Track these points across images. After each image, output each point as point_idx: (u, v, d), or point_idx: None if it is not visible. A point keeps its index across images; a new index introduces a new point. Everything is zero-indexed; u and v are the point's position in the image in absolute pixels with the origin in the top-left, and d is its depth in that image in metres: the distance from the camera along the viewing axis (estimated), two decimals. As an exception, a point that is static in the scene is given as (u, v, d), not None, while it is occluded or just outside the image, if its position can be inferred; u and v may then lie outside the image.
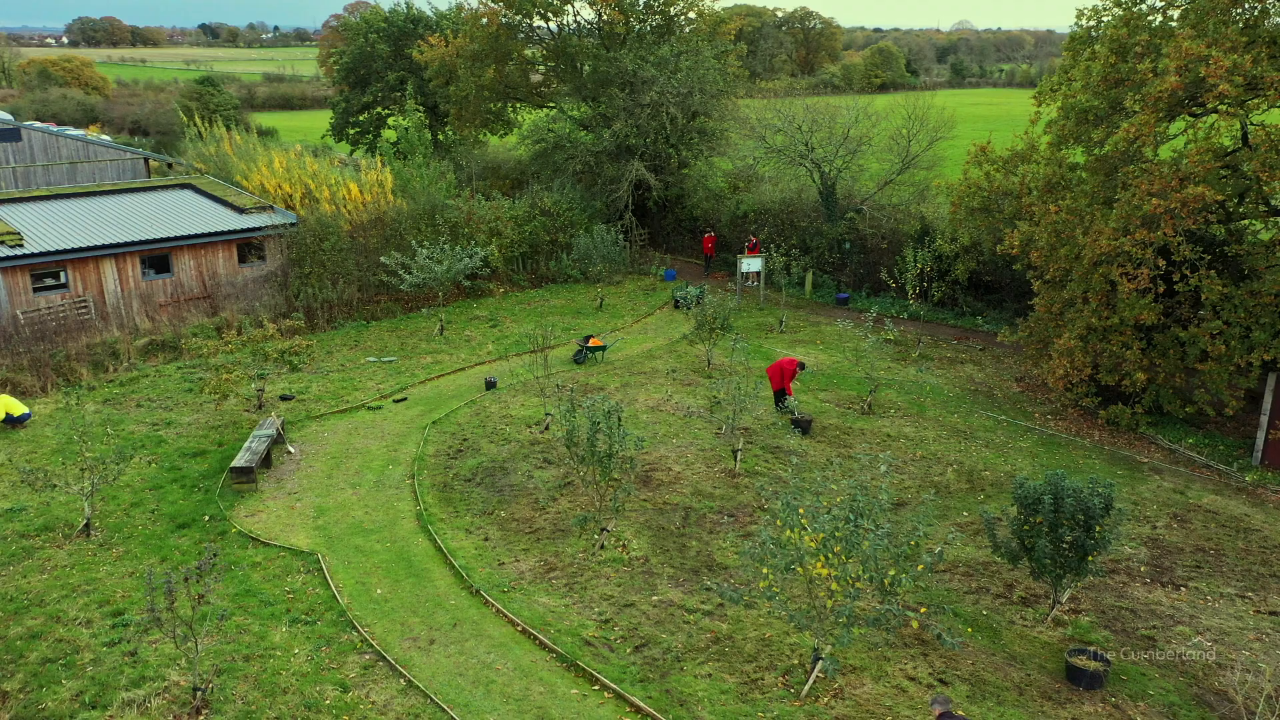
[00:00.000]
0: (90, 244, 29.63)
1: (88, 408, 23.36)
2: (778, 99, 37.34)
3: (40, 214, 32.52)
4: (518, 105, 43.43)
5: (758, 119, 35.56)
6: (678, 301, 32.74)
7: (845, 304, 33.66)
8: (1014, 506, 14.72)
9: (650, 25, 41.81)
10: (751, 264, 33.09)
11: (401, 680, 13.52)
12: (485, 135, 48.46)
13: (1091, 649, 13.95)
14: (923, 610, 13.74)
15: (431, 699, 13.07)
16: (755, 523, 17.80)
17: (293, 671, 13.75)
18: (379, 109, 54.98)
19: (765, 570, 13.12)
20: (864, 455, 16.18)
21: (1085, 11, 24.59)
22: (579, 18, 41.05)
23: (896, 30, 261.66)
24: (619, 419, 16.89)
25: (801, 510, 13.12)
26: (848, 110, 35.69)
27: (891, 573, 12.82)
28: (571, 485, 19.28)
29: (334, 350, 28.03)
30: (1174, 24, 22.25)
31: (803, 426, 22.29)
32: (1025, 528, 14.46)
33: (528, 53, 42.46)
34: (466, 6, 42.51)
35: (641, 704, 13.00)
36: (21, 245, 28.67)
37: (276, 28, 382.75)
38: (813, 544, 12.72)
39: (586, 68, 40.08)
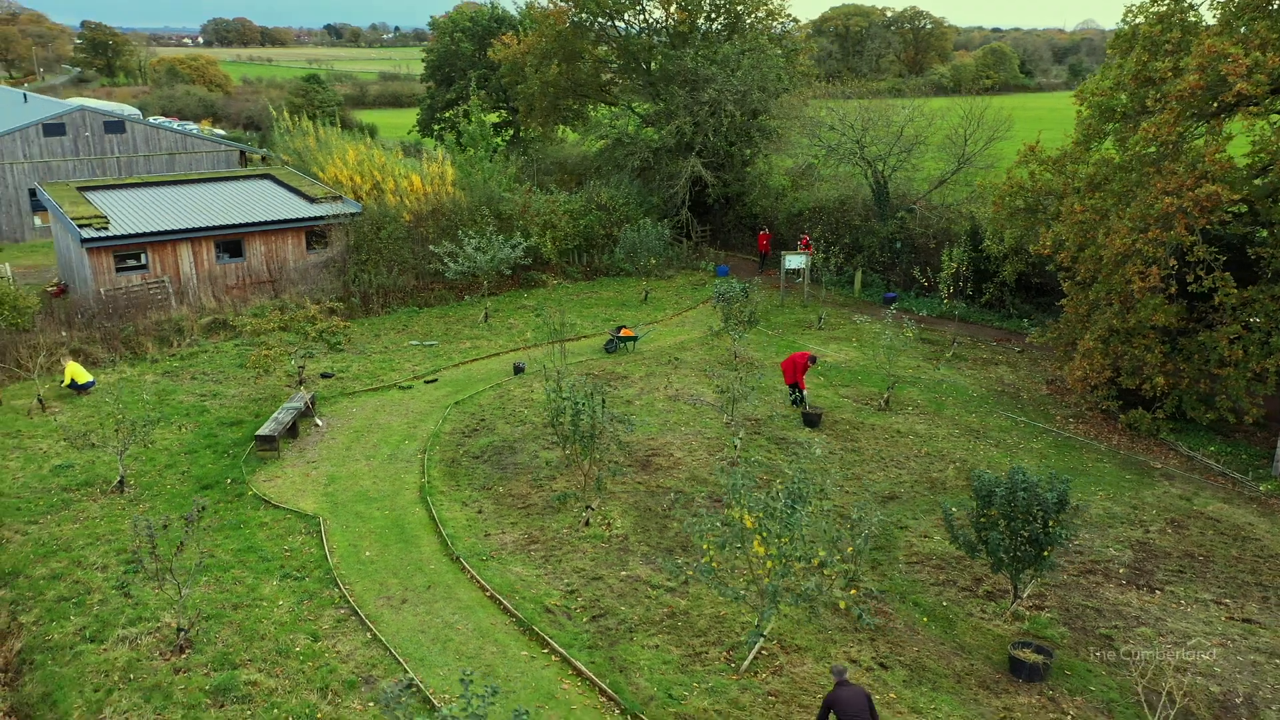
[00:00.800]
0: (168, 228, 31.76)
1: (146, 379, 25.20)
2: (831, 99, 37.24)
3: (128, 200, 34.91)
4: (589, 103, 44.34)
5: (810, 116, 35.61)
6: (720, 296, 33.11)
7: (892, 303, 33.51)
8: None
9: (718, 24, 42.26)
10: (795, 261, 33.26)
11: (368, 634, 14.48)
12: (563, 131, 49.62)
13: (1035, 642, 14.00)
14: (852, 592, 14.01)
15: (390, 652, 13.99)
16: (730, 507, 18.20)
17: (273, 620, 14.85)
18: (463, 106, 56.68)
19: (705, 546, 13.62)
20: (804, 443, 16.43)
21: (1132, 8, 24.11)
22: (647, 16, 41.75)
23: (1017, 30, 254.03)
24: (603, 401, 17.55)
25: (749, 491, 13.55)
26: (903, 109, 35.47)
27: (821, 553, 13.14)
28: (571, 465, 20.01)
29: (381, 333, 29.43)
30: (1210, 20, 21.70)
31: (812, 420, 22.55)
32: (981, 519, 14.57)
33: (600, 51, 43.33)
34: (537, 5, 43.62)
35: (583, 668, 13.65)
36: (107, 228, 30.93)
37: (397, 28, 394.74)
38: (751, 523, 13.17)
39: (653, 65, 40.80)
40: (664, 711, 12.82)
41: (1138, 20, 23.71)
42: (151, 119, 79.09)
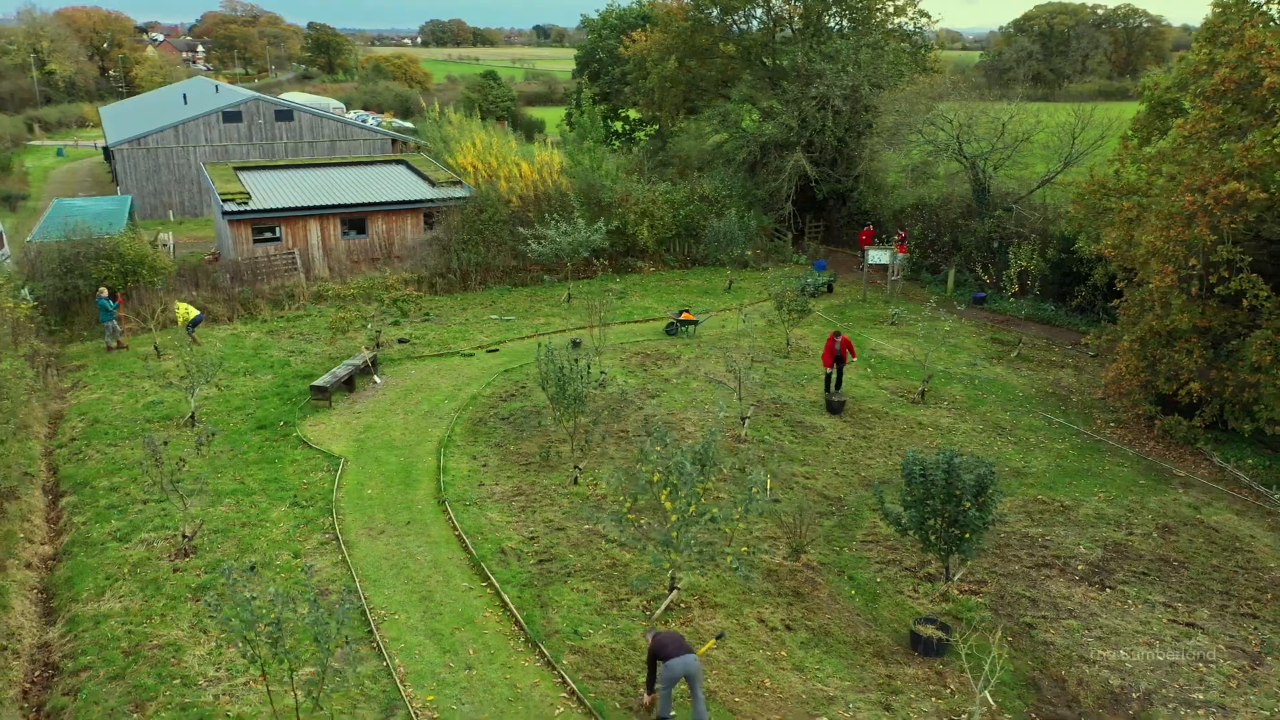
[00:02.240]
0: (299, 205, 35.20)
1: (252, 335, 28.31)
2: (934, 99, 36.57)
3: (273, 180, 38.76)
4: (708, 99, 45.27)
5: (909, 109, 35.20)
6: (804, 288, 33.48)
7: (981, 303, 32.89)
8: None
9: (844, 21, 42.35)
10: (878, 255, 33.16)
11: (340, 556, 16.30)
12: (696, 125, 50.74)
13: (940, 620, 14.20)
14: (744, 550, 14.63)
15: (350, 571, 15.75)
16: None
17: (269, 539, 16.93)
18: (610, 102, 58.77)
19: (614, 497, 14.62)
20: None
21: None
22: (768, 12, 42.32)
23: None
24: (588, 367, 18.75)
25: (659, 448, 14.48)
26: (1005, 107, 34.60)
27: (714, 510, 13.89)
28: (591, 431, 21.28)
29: (469, 307, 31.63)
30: (1275, 13, 20.52)
31: (834, 408, 22.87)
32: (907, 498, 14.85)
33: (726, 48, 44.23)
34: (660, 2, 44.96)
35: (509, 600, 14.95)
36: (247, 203, 34.62)
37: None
38: (658, 477, 14.10)
39: (768, 61, 41.37)
40: (563, 644, 13.95)
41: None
42: (354, 113, 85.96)
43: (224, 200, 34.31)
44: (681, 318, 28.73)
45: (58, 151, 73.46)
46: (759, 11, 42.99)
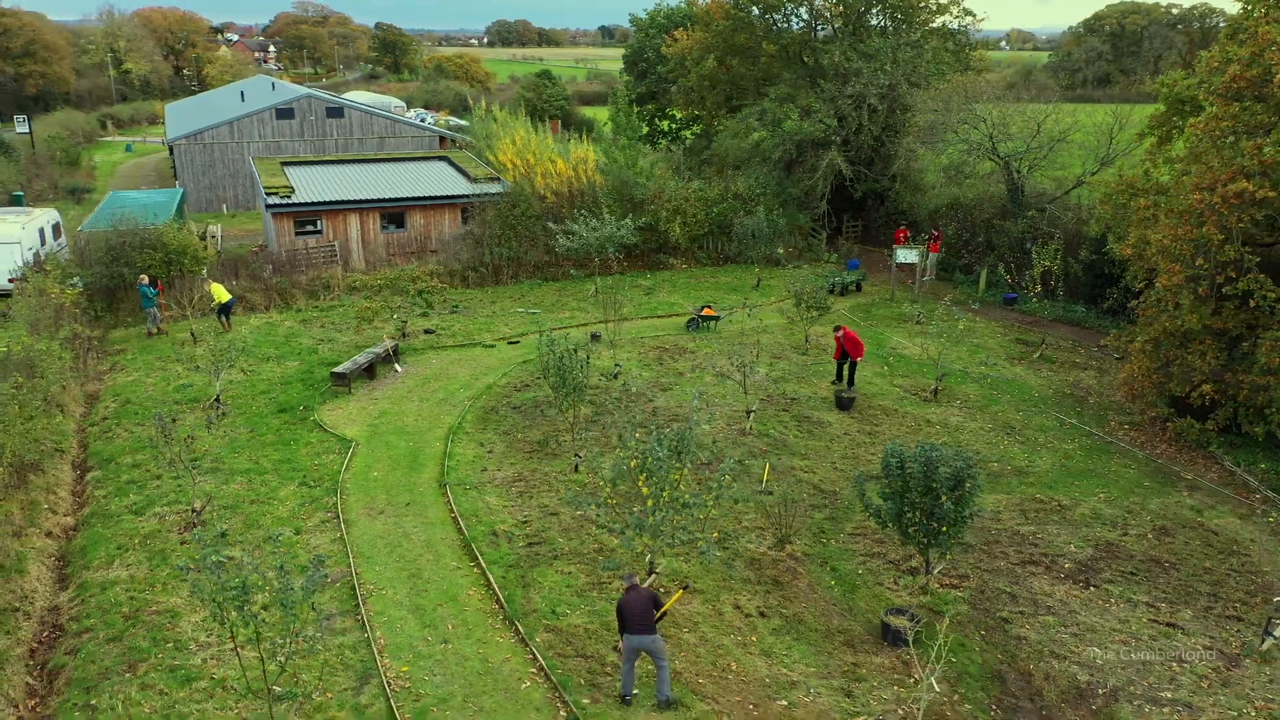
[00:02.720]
0: (339, 199, 36.14)
1: (285, 324, 29.23)
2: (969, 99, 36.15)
3: (318, 174, 39.83)
4: (747, 98, 45.35)
5: (943, 108, 34.92)
6: (832, 287, 33.54)
7: (1012, 304, 32.56)
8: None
9: (884, 19, 42.15)
10: (906, 255, 33.03)
11: (338, 534, 16.90)
12: (733, 124, 50.85)
13: (911, 610, 14.29)
14: (715, 535, 14.86)
15: (346, 547, 16.34)
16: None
17: (274, 515, 17.61)
18: (657, 101, 59.16)
19: (601, 483, 14.98)
20: (696, 397, 17.19)
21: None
22: (808, 11, 42.29)
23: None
24: (588, 357, 19.12)
25: (637, 434, 14.81)
26: (1041, 108, 34.19)
27: (686, 496, 14.17)
28: (597, 422, 21.66)
29: (498, 300, 32.24)
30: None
31: (843, 404, 22.93)
32: (885, 491, 14.95)
33: (767, 47, 44.28)
34: (699, 2, 45.17)
35: (493, 580, 15.39)
36: (289, 197, 35.67)
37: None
38: (635, 463, 14.43)
39: (808, 60, 41.35)
40: (539, 622, 14.35)
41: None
42: (414, 112, 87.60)
43: (267, 193, 35.38)
44: (703, 313, 28.97)
45: (126, 147, 76.11)
46: (803, 10, 43.00)
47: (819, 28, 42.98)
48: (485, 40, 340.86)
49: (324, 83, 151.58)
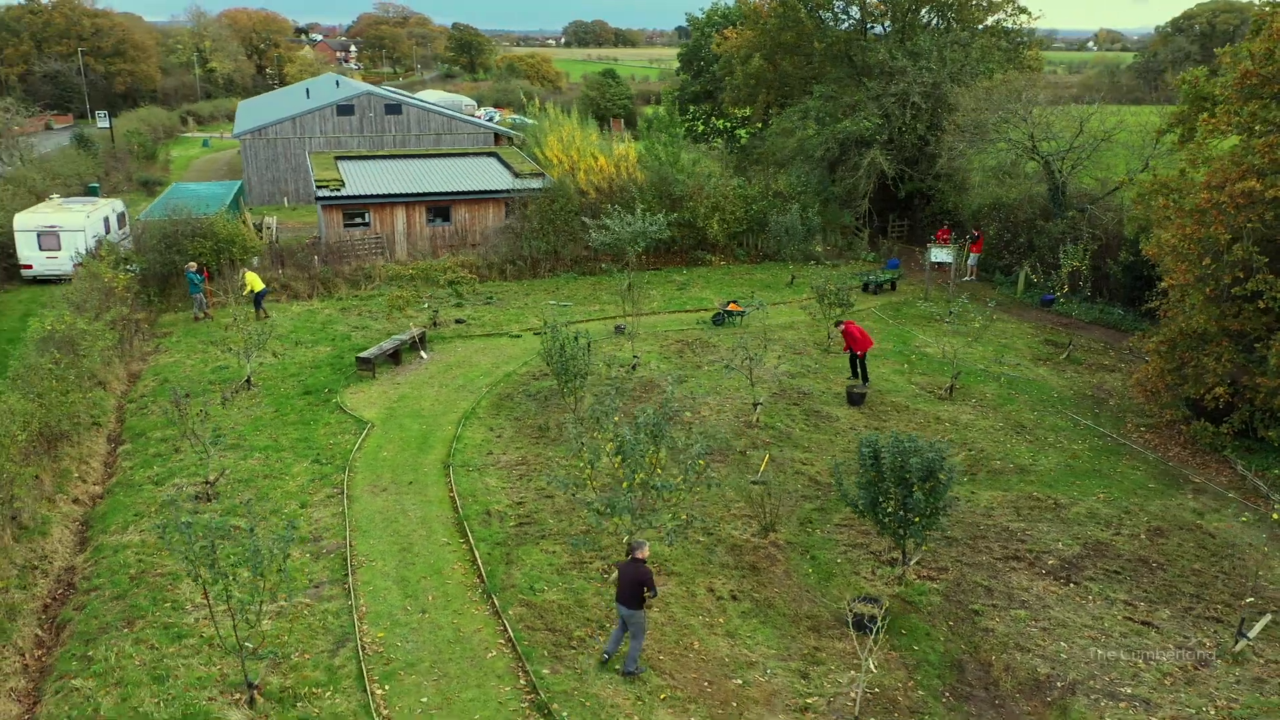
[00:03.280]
0: (386, 192, 37.22)
1: (324, 311, 30.28)
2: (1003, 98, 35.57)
3: (369, 169, 41.00)
4: (794, 96, 45.32)
5: (981, 107, 34.48)
6: (866, 285, 33.52)
7: (1050, 305, 32.10)
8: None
9: (934, 18, 41.80)
10: (939, 254, 32.79)
11: (340, 508, 17.64)
12: (778, 122, 50.82)
13: (878, 599, 14.44)
14: (684, 517, 15.18)
15: (344, 522, 17.05)
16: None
17: (284, 490, 18.44)
18: (712, 100, 59.34)
19: (579, 463, 15.42)
20: (670, 378, 17.44)
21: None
22: (862, 9, 42.10)
23: None
24: (589, 344, 19.57)
25: (615, 419, 15.22)
26: (1084, 108, 33.60)
27: (656, 480, 14.51)
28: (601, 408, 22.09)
29: (532, 292, 32.91)
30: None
31: (854, 399, 23.00)
32: (859, 480, 15.10)
33: (816, 45, 44.21)
34: (749, 1, 45.26)
35: (479, 556, 15.95)
36: (339, 190, 36.85)
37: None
38: (611, 446, 14.84)
39: (856, 59, 41.20)
40: (515, 597, 14.85)
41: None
42: (483, 110, 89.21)
43: (317, 186, 36.60)
44: (729, 308, 29.20)
45: (203, 143, 78.95)
46: (854, 9, 42.83)
47: (869, 26, 42.77)
48: (563, 41, 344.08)
49: (399, 81, 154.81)
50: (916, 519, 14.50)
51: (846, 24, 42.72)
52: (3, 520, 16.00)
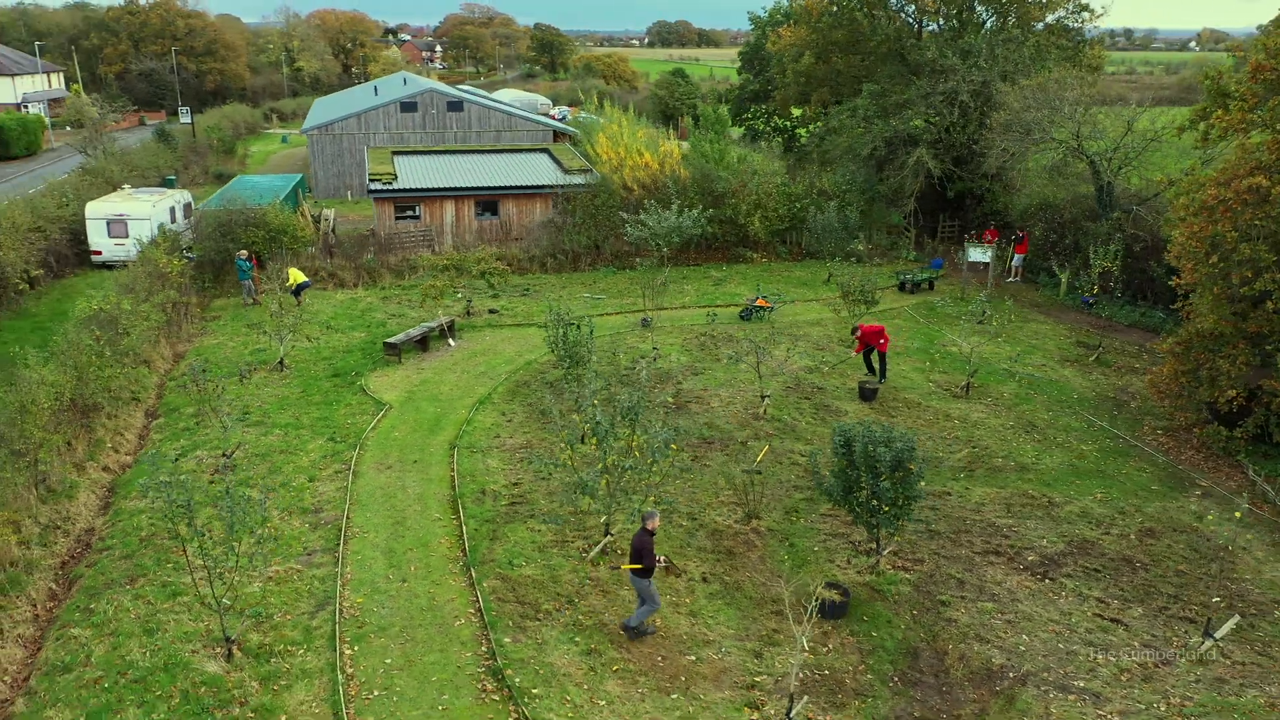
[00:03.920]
0: (436, 186, 38.29)
1: (366, 299, 31.37)
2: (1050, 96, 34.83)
3: (423, 164, 42.17)
4: (846, 94, 45.13)
5: (1021, 105, 33.92)
6: (903, 284, 33.37)
7: (1090, 308, 31.52)
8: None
9: (990, 16, 41.27)
10: (977, 253, 32.44)
11: (345, 483, 18.44)
12: (824, 120, 50.64)
13: (843, 586, 14.62)
14: (661, 507, 15.55)
15: (346, 495, 17.85)
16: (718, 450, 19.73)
17: (296, 466, 19.33)
18: (772, 99, 59.34)
19: (564, 445, 15.92)
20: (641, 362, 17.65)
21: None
22: (917, 6, 41.80)
23: None
24: (591, 331, 20.06)
25: (595, 403, 15.68)
26: (1132, 109, 32.88)
27: (629, 461, 14.93)
28: (609, 393, 22.56)
29: (569, 285, 33.53)
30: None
31: (866, 395, 23.04)
32: (832, 469, 15.29)
33: (869, 43, 44.00)
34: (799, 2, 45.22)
35: (466, 531, 16.57)
36: (391, 184, 38.05)
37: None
38: (588, 428, 15.33)
39: (909, 56, 40.91)
40: (492, 570, 15.42)
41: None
42: (558, 109, 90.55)
43: (371, 179, 37.85)
44: (756, 304, 29.39)
45: (282, 139, 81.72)
46: (910, 8, 42.56)
47: (924, 23, 42.41)
48: (646, 41, 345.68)
49: (480, 81, 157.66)
50: (886, 508, 14.64)
51: (901, 22, 42.43)
52: (30, 482, 17.18)
